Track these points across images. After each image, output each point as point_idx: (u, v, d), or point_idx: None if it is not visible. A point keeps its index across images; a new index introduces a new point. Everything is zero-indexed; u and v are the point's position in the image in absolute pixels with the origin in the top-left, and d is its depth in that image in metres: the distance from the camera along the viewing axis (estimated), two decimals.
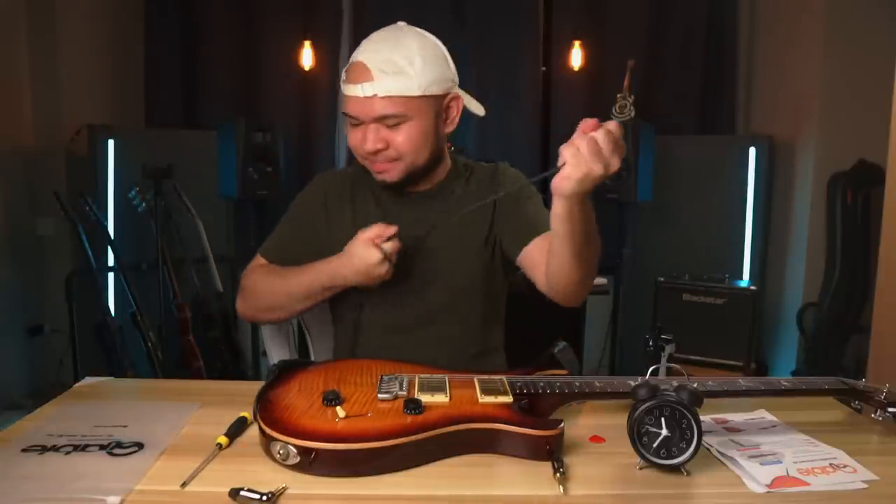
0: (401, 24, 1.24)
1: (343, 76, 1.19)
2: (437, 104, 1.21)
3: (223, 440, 0.89)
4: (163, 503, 0.77)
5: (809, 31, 3.05)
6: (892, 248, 1.85)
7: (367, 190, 1.33)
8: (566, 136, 1.04)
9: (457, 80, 1.25)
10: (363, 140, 1.18)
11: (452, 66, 1.23)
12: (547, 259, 1.15)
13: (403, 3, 3.41)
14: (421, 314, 1.28)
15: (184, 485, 0.79)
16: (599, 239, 1.15)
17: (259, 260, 1.36)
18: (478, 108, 1.31)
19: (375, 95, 1.14)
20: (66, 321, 2.86)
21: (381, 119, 1.16)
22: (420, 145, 1.20)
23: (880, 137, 1.92)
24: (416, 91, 1.16)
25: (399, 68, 1.15)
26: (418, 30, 1.23)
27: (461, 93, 1.26)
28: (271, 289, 1.28)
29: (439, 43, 1.23)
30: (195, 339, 2.91)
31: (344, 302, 1.32)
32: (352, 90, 1.16)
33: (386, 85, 1.14)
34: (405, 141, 1.18)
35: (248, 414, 0.96)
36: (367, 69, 1.15)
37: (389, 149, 1.19)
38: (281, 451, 0.82)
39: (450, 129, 1.26)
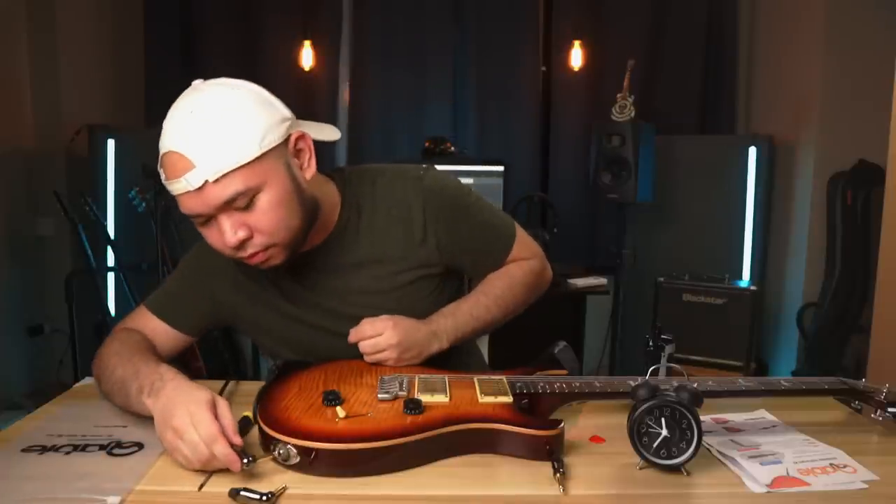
0: (196, 83, 1.01)
1: (161, 174, 0.99)
2: (283, 154, 1.00)
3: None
4: (163, 503, 0.77)
5: (809, 31, 3.05)
6: (892, 248, 1.85)
7: (250, 268, 1.09)
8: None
9: (292, 115, 1.04)
10: (221, 236, 0.98)
11: (280, 103, 1.02)
12: None
13: (403, 4, 3.42)
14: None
15: (201, 487, 0.79)
16: (520, 280, 1.23)
17: (140, 313, 1.18)
18: (331, 134, 1.14)
19: (206, 182, 0.93)
20: (66, 321, 2.86)
21: (227, 203, 0.95)
22: (285, 213, 0.99)
23: (880, 137, 1.92)
24: (250, 154, 0.94)
25: (217, 140, 0.93)
26: (221, 81, 1.01)
27: (304, 125, 1.07)
28: (106, 375, 1.03)
29: (253, 86, 1.01)
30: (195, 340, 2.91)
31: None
32: (176, 187, 0.95)
33: (212, 166, 0.93)
34: (267, 219, 0.98)
35: (249, 413, 0.95)
36: (182, 157, 0.94)
37: (254, 236, 0.99)
38: (281, 451, 0.82)
39: (310, 172, 1.06)
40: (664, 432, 0.82)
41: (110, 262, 3.02)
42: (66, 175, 3.22)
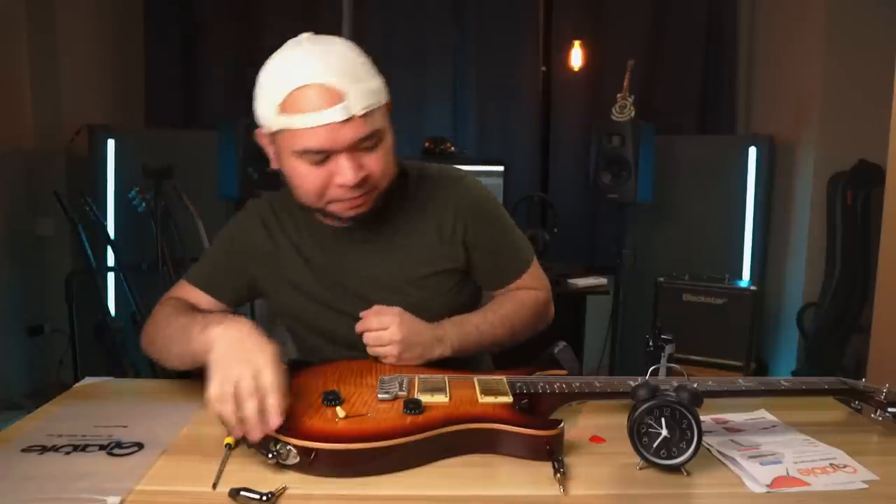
0: (305, 35, 1.04)
1: (278, 107, 0.98)
2: (388, 113, 1.06)
3: (231, 440, 0.89)
4: (163, 503, 0.77)
5: (809, 31, 3.05)
6: (892, 248, 1.85)
7: (299, 222, 1.19)
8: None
9: None
10: (340, 175, 1.00)
11: None
12: None
13: (403, 4, 3.42)
14: None
15: (214, 486, 0.79)
16: (527, 308, 1.23)
17: (181, 287, 1.23)
18: None
19: (353, 117, 0.97)
20: (66, 321, 2.86)
21: (361, 141, 0.99)
22: (391, 162, 1.06)
23: (880, 137, 1.92)
24: (383, 98, 1.02)
25: (362, 76, 0.99)
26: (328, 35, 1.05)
27: None
28: (157, 321, 1.13)
29: None
30: None
31: (303, 348, 1.27)
32: (320, 119, 0.96)
33: (362, 100, 0.97)
34: (382, 163, 1.03)
35: None
36: (332, 90, 0.96)
37: (369, 178, 1.02)
38: (281, 451, 0.81)
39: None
40: (664, 432, 0.82)
41: (110, 262, 3.02)
42: (66, 175, 3.22)
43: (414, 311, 1.11)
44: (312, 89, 0.96)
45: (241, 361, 0.86)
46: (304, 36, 1.03)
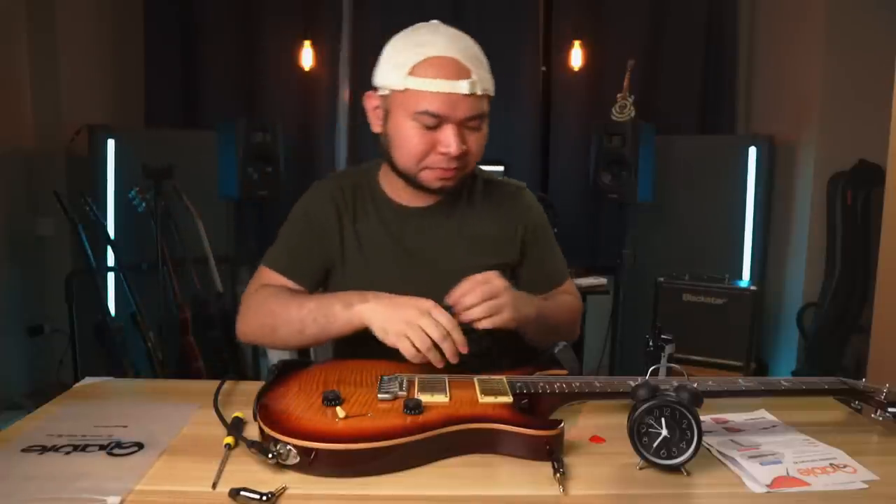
0: (435, 21, 1.20)
1: (408, 70, 1.10)
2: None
3: (231, 440, 0.89)
4: (163, 503, 0.77)
5: (809, 31, 3.05)
6: (892, 248, 1.85)
7: (369, 202, 1.27)
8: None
9: None
10: (445, 143, 1.10)
11: None
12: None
13: (404, 4, 3.42)
14: None
15: (214, 486, 0.79)
16: (570, 310, 1.31)
17: (264, 274, 1.27)
18: None
19: (474, 94, 1.09)
20: (66, 321, 2.86)
21: (471, 119, 1.11)
22: (482, 151, 1.18)
23: (880, 137, 1.92)
24: (492, 90, 1.14)
25: (484, 64, 1.13)
26: None
27: None
28: (272, 311, 1.17)
29: None
30: (195, 339, 2.91)
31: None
32: (448, 86, 1.08)
33: (483, 83, 1.11)
34: (479, 145, 1.15)
35: (241, 413, 0.95)
36: (461, 65, 1.09)
37: (467, 154, 1.14)
38: (281, 451, 0.82)
39: None
40: (664, 432, 0.82)
41: (110, 262, 3.02)
42: (66, 175, 3.22)
43: None
44: (446, 60, 1.09)
45: (409, 308, 1.00)
46: (435, 21, 1.19)
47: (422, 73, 1.09)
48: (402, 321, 0.99)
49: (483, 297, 1.05)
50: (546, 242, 1.35)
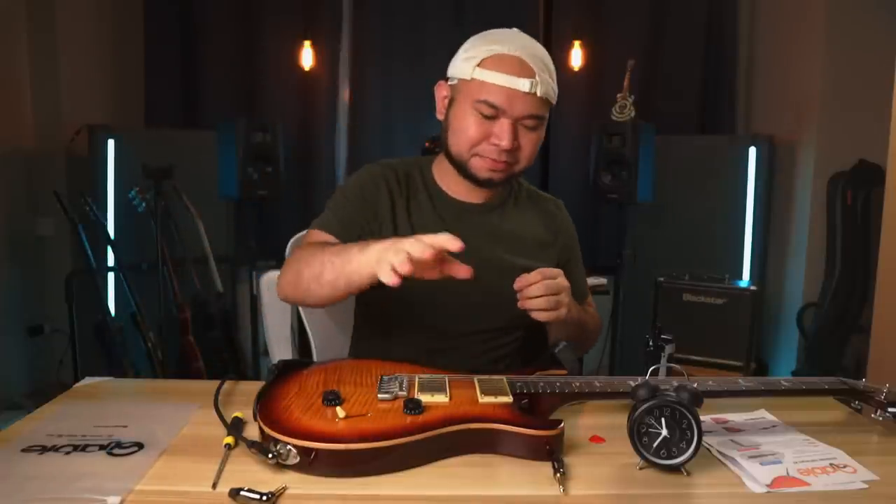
0: (515, 29, 1.25)
1: (477, 62, 1.16)
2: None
3: (231, 440, 0.89)
4: (163, 503, 0.77)
5: (809, 31, 3.05)
6: (892, 248, 1.85)
7: (422, 192, 1.29)
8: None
9: None
10: (499, 135, 1.16)
11: None
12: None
13: (403, 3, 3.42)
14: (467, 328, 1.26)
15: (214, 486, 0.79)
16: (594, 325, 1.37)
17: (313, 234, 1.24)
18: None
19: (534, 94, 1.14)
20: (66, 321, 2.87)
21: (527, 118, 1.16)
22: (534, 155, 1.21)
23: (880, 137, 1.92)
24: (554, 99, 1.18)
25: (550, 72, 1.17)
26: None
27: None
28: (302, 258, 1.13)
29: None
30: (195, 339, 2.91)
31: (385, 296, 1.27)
32: (510, 81, 1.13)
33: (544, 86, 1.15)
34: (532, 146, 1.19)
35: (241, 413, 0.95)
36: (527, 65, 1.15)
37: (518, 151, 1.18)
38: (281, 451, 0.82)
39: None
40: (664, 432, 0.82)
41: (110, 262, 3.02)
42: (66, 175, 3.22)
43: (512, 295, 1.17)
44: (513, 58, 1.15)
45: (403, 240, 0.94)
46: (515, 29, 1.25)
47: (489, 66, 1.15)
48: (389, 249, 0.93)
49: (549, 290, 1.09)
50: (576, 258, 1.42)
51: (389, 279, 0.89)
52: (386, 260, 0.90)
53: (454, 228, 1.22)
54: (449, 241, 0.92)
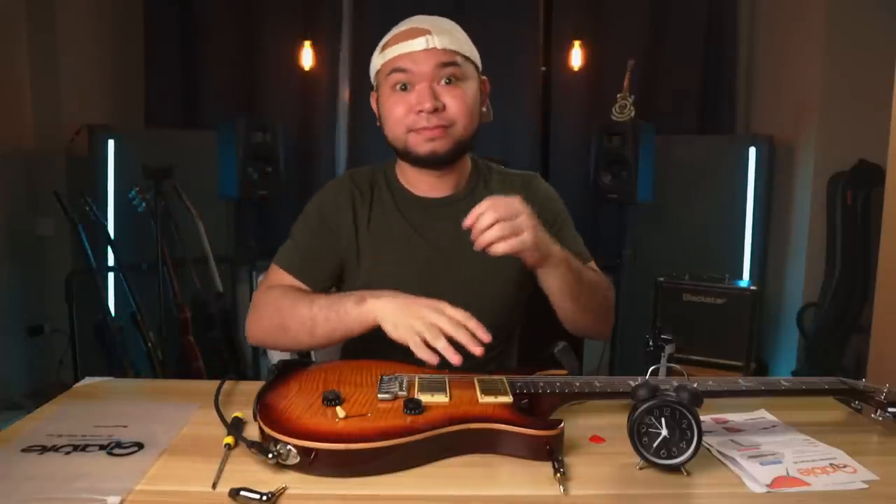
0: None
1: (379, 49, 1.20)
2: (478, 79, 1.23)
3: (230, 440, 0.89)
4: (163, 503, 0.77)
5: (809, 31, 3.05)
6: (892, 248, 1.85)
7: (386, 195, 1.28)
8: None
9: None
10: (418, 100, 1.15)
11: None
12: (554, 306, 1.20)
13: (403, 3, 3.42)
14: None
15: (214, 485, 0.79)
16: (604, 286, 1.26)
17: (276, 274, 1.25)
18: (490, 112, 1.30)
19: (434, 48, 1.15)
20: (66, 321, 2.86)
21: (439, 70, 1.15)
22: (471, 110, 1.19)
23: (880, 137, 1.92)
24: (467, 51, 1.19)
25: (450, 30, 1.19)
26: None
27: None
28: (281, 309, 1.16)
29: None
30: (195, 339, 2.91)
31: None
32: (407, 46, 1.15)
33: (443, 39, 1.16)
34: (460, 101, 1.17)
35: (241, 413, 0.95)
36: (420, 28, 1.16)
37: (445, 110, 1.16)
38: (281, 451, 0.82)
39: (484, 114, 1.26)
40: (664, 432, 0.82)
41: (110, 262, 3.02)
42: (66, 175, 3.21)
43: (490, 282, 1.21)
44: (407, 29, 1.18)
45: (422, 306, 1.00)
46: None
47: (388, 45, 1.18)
48: (414, 316, 0.99)
49: (503, 214, 1.01)
50: (563, 225, 1.33)
51: (422, 353, 0.96)
52: (416, 330, 0.98)
53: (419, 225, 1.25)
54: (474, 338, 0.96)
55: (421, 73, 1.15)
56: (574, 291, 1.17)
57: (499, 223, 1.01)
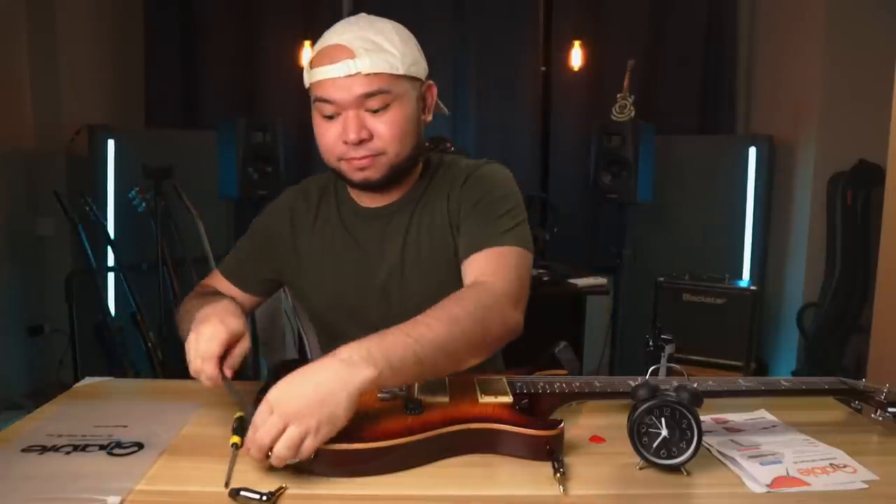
0: (363, 14, 1.15)
1: (308, 64, 1.10)
2: (417, 89, 1.13)
3: (237, 440, 0.88)
4: (163, 503, 0.77)
5: (809, 31, 3.05)
6: (892, 248, 1.85)
7: (332, 204, 1.25)
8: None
9: (427, 70, 1.16)
10: (344, 131, 1.07)
11: (423, 56, 1.16)
12: None
13: (403, 3, 3.42)
14: None
15: (226, 485, 0.78)
16: (467, 307, 0.96)
17: (213, 276, 1.30)
18: (442, 108, 1.24)
19: (359, 73, 1.04)
20: (66, 321, 2.86)
21: (365, 99, 1.06)
22: (405, 132, 1.10)
23: (880, 137, 1.92)
24: (399, 69, 1.07)
25: (379, 46, 1.07)
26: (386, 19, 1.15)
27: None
28: (185, 305, 1.17)
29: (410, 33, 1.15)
30: None
31: (322, 335, 1.33)
32: (329, 71, 1.05)
33: (369, 62, 1.05)
34: (389, 128, 1.08)
35: (242, 413, 0.95)
36: (345, 48, 1.05)
37: (374, 139, 1.08)
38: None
39: (428, 118, 1.18)
40: (664, 432, 0.82)
41: (110, 262, 3.02)
42: (66, 175, 3.22)
43: (441, 291, 1.00)
44: (332, 47, 1.07)
45: (195, 333, 0.96)
46: (363, 14, 1.14)
47: (314, 64, 1.09)
48: (192, 334, 0.96)
49: (264, 444, 0.79)
50: (474, 213, 1.15)
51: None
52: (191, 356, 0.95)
53: (358, 235, 1.22)
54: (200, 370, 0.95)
55: (345, 102, 1.06)
56: (429, 370, 0.90)
57: (279, 443, 0.79)
